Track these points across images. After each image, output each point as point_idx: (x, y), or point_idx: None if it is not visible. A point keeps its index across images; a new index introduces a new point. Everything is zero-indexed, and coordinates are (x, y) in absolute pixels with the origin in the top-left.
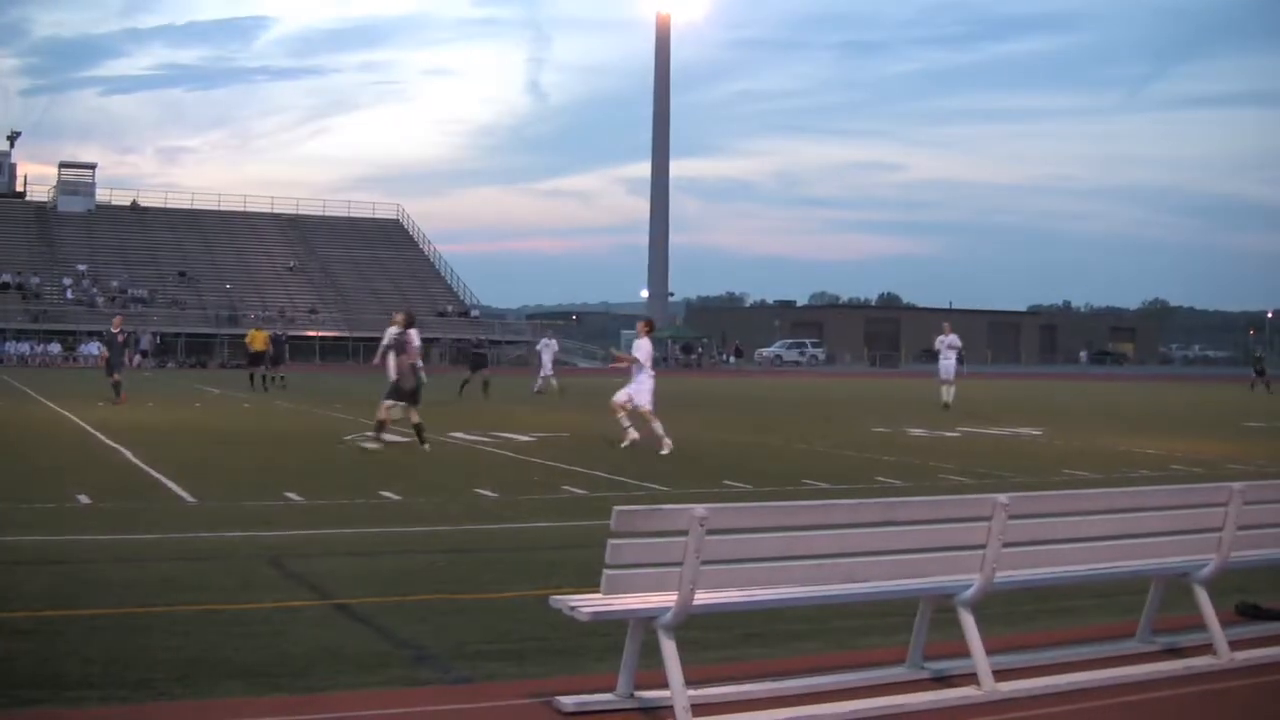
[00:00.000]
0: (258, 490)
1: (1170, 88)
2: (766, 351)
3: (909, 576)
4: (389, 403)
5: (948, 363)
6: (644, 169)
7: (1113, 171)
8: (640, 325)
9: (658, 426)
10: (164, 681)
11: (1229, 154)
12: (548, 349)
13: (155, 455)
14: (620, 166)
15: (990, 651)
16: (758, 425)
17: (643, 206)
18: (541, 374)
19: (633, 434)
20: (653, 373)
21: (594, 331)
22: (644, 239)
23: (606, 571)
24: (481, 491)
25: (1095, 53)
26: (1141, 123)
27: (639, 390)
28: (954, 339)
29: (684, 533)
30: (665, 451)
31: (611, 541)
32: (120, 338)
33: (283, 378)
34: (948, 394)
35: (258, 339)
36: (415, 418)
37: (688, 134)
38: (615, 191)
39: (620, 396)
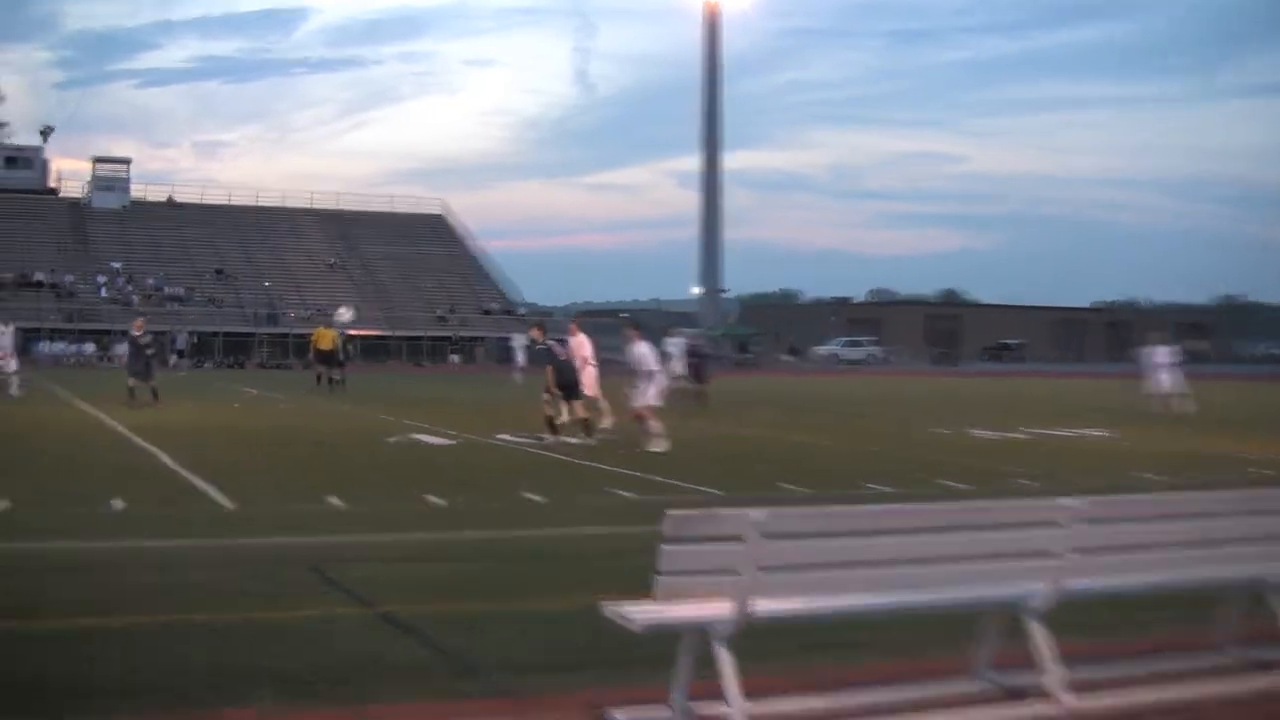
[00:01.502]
0: (298, 494)
1: (1241, 74)
2: (823, 349)
3: (975, 584)
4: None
5: (1164, 375)
6: (694, 162)
7: (1178, 162)
8: (627, 330)
9: (654, 426)
10: (200, 691)
11: None
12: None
13: (192, 459)
14: (670, 159)
15: (1064, 663)
16: (815, 425)
17: (693, 200)
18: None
19: (661, 442)
20: (658, 371)
21: (647, 328)
22: (695, 233)
23: (660, 579)
24: (529, 495)
25: (1162, 39)
26: (1209, 111)
27: (644, 391)
28: (1170, 350)
29: (740, 538)
30: (658, 449)
31: (665, 548)
32: (144, 339)
33: (344, 380)
34: (1178, 404)
35: (325, 337)
36: (581, 412)
37: (738, 125)
38: (665, 185)
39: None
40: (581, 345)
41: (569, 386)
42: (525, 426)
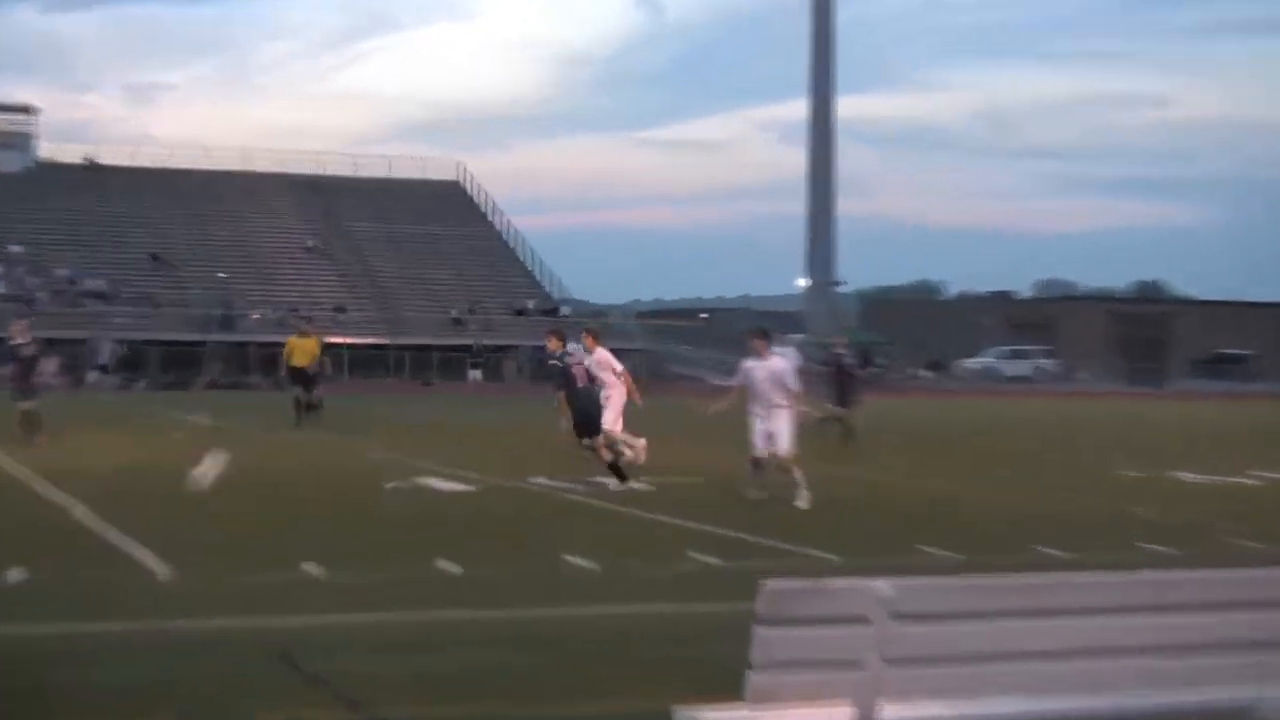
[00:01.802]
0: (262, 560)
1: None
2: (974, 362)
3: (1183, 685)
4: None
5: None
6: (799, 110)
7: None
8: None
9: (622, 451)
10: None
11: None
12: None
13: (119, 512)
14: (766, 106)
15: None
16: (965, 466)
17: (797, 161)
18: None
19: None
20: (796, 395)
21: (730, 336)
22: (800, 206)
23: (752, 676)
24: (573, 559)
25: None
26: None
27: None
28: None
29: (862, 619)
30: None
31: (759, 631)
32: (28, 350)
33: (320, 403)
34: None
35: (301, 350)
36: (604, 454)
37: (857, 61)
38: (760, 141)
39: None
40: (607, 362)
41: (589, 421)
42: (568, 467)
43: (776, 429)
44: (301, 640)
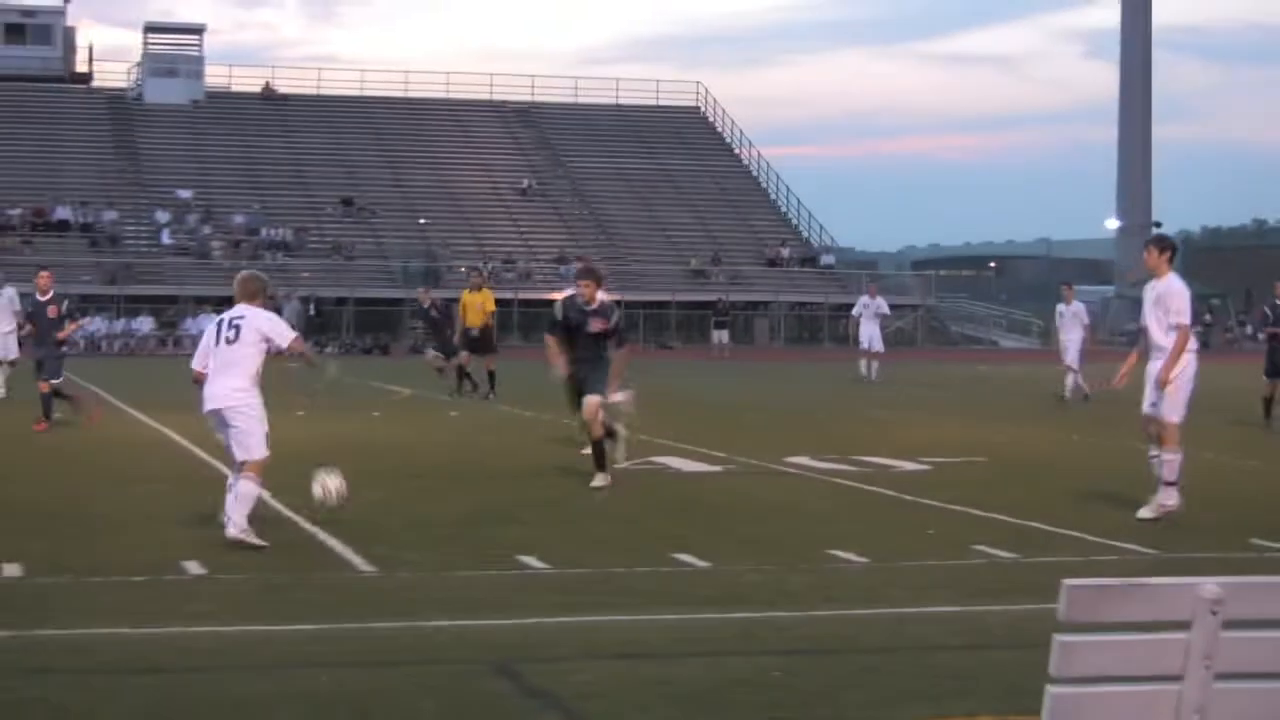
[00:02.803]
0: (474, 552)
1: None
2: None
3: None
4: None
5: None
6: (1109, 15)
7: None
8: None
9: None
10: None
11: None
12: (1074, 320)
13: (308, 498)
14: (1069, 11)
15: None
16: None
17: (1109, 79)
18: (1069, 365)
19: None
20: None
21: (1025, 286)
22: (1111, 134)
23: (1053, 692)
24: (840, 553)
25: None
26: None
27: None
28: None
29: (1184, 624)
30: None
31: (1059, 639)
32: (52, 310)
33: (492, 373)
34: None
35: (475, 307)
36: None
37: None
38: (1061, 54)
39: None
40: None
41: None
42: (832, 446)
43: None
44: (521, 645)
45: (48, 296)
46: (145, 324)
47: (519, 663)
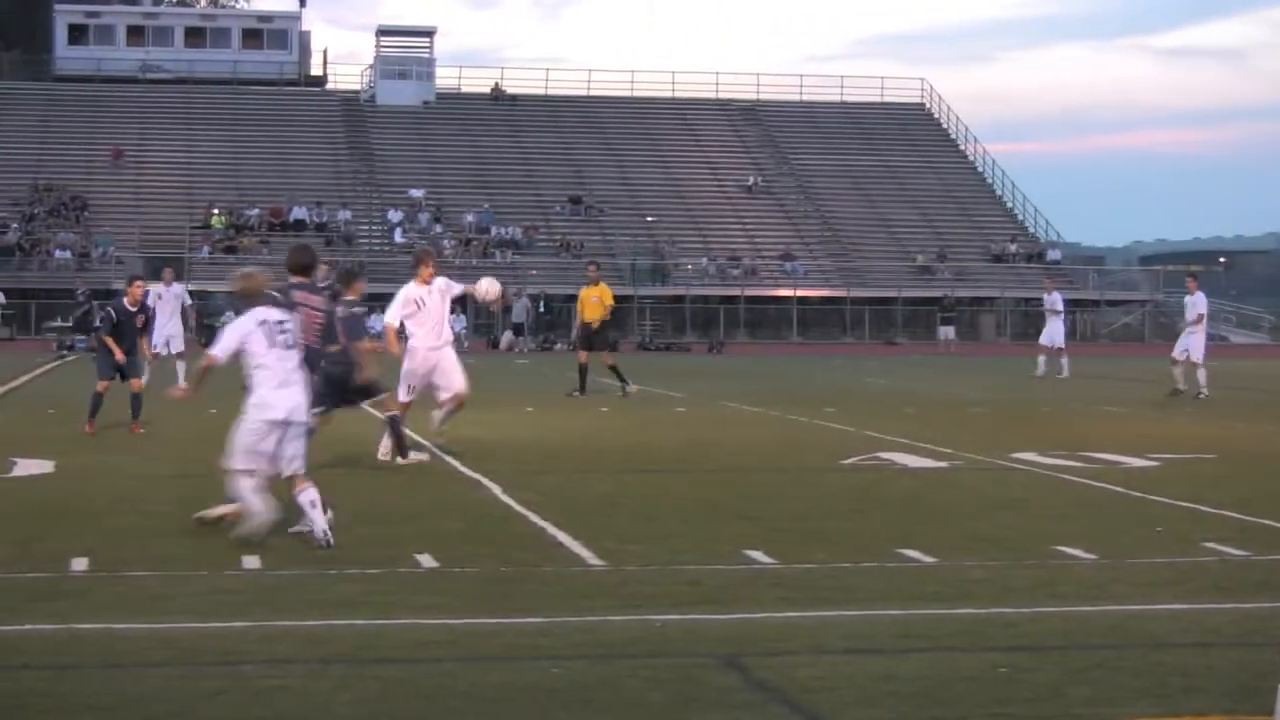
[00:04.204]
0: (701, 547)
1: None
2: None
3: None
4: None
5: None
6: None
7: None
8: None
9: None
10: None
11: None
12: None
13: (536, 491)
14: None
15: None
16: None
17: None
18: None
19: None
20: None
21: (1255, 280)
22: None
23: None
24: (1067, 550)
25: None
26: None
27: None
28: None
29: None
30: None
31: None
32: (138, 314)
33: (618, 370)
34: None
35: (588, 302)
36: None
37: None
38: None
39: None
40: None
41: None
42: (1060, 442)
43: None
44: (748, 640)
45: (136, 308)
46: (378, 322)
47: (746, 656)
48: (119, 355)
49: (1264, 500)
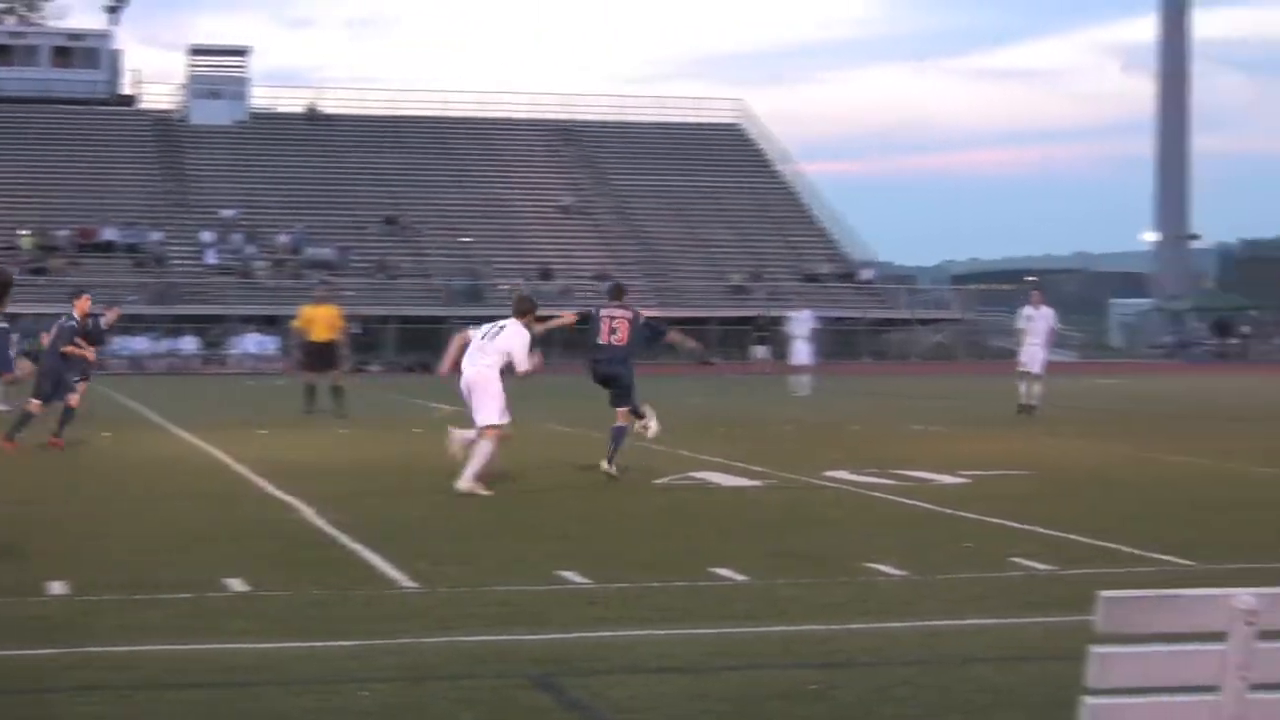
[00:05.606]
0: (515, 567)
1: None
2: None
3: None
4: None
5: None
6: (1146, 28)
7: None
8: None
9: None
10: None
11: None
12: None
13: (350, 514)
14: (1107, 24)
15: None
16: None
17: (1146, 92)
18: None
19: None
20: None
21: (1064, 299)
22: (1148, 147)
23: (1089, 701)
24: (878, 566)
25: None
26: None
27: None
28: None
29: (1220, 636)
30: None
31: (1095, 650)
32: (88, 324)
33: (341, 390)
34: None
35: (317, 321)
36: None
37: None
38: (1099, 68)
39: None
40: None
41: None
42: (871, 459)
43: None
44: (561, 659)
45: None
46: (190, 343)
47: (559, 676)
48: None
49: (1072, 516)
